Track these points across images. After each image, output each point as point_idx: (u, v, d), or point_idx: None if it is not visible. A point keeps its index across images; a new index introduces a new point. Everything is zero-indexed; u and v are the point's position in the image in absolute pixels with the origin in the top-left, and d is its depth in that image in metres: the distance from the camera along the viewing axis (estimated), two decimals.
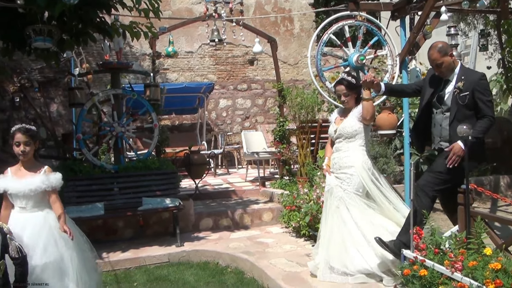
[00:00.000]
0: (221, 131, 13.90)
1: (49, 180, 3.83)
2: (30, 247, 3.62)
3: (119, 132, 6.91)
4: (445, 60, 4.34)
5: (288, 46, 14.59)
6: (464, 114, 4.30)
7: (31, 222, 3.79)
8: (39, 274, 3.62)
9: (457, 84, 4.33)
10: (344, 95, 4.83)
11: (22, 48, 6.41)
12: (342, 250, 4.56)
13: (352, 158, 4.71)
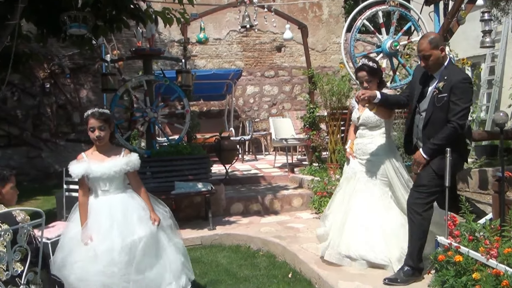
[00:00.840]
0: (248, 117, 13.97)
1: (132, 161, 3.83)
2: (123, 226, 3.63)
3: (152, 118, 7.01)
4: (434, 53, 4.01)
5: (316, 33, 14.50)
6: (439, 117, 4.03)
7: (118, 203, 3.75)
8: (134, 251, 3.59)
9: (437, 84, 4.05)
10: (366, 81, 4.69)
11: (57, 35, 6.53)
12: (354, 235, 4.59)
13: (376, 146, 4.71)
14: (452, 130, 3.92)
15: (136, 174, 3.91)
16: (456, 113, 3.90)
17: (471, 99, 4.01)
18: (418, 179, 4.22)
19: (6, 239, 3.01)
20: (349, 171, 4.89)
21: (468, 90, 3.96)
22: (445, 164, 4.05)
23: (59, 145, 12.70)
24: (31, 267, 3.19)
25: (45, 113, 12.70)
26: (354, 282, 4.22)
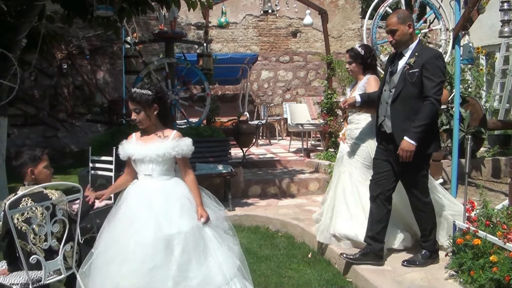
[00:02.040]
0: (263, 102, 14.07)
1: (180, 145, 3.39)
2: (161, 216, 3.24)
3: (173, 100, 7.15)
4: (401, 28, 4.03)
5: (332, 19, 14.42)
6: (410, 92, 4.00)
7: (159, 190, 3.38)
8: (172, 246, 3.18)
9: (408, 60, 4.04)
10: (348, 63, 4.98)
11: (83, 16, 6.65)
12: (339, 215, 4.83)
13: (361, 130, 4.84)
14: (431, 106, 3.89)
15: (185, 161, 3.49)
16: (432, 88, 3.89)
17: (444, 74, 4.02)
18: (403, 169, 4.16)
19: (46, 212, 3.16)
20: (338, 155, 5.18)
21: (440, 66, 3.95)
22: (465, 151, 4.17)
23: (75, 126, 12.89)
24: (68, 240, 3.35)
25: (62, 94, 12.88)
26: (370, 265, 4.36)
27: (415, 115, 3.95)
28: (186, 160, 3.50)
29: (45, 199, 3.25)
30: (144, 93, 3.35)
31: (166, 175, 3.45)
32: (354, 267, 4.35)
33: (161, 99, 3.42)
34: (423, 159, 4.10)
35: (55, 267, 3.24)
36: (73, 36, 12.47)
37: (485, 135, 8.16)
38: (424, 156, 4.12)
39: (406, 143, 3.92)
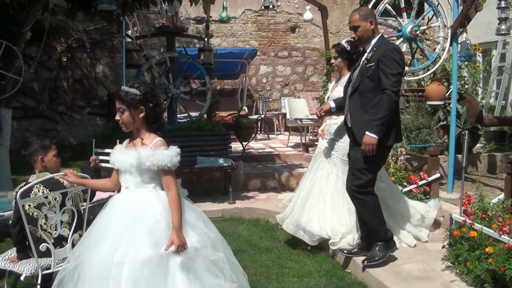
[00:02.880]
0: (261, 97, 14.15)
1: (155, 155, 2.84)
2: (119, 238, 2.72)
3: (174, 94, 7.23)
4: (362, 24, 4.09)
5: (330, 14, 14.47)
6: (366, 86, 4.05)
7: (130, 205, 2.88)
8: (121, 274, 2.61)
9: (367, 55, 4.11)
10: (334, 58, 5.02)
11: (86, 10, 6.73)
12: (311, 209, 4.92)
13: (339, 126, 4.86)
14: (388, 98, 3.90)
15: (167, 175, 2.87)
16: (387, 80, 3.91)
17: (402, 67, 4.01)
18: (354, 162, 4.21)
19: (55, 202, 3.25)
20: (316, 151, 5.24)
21: (396, 58, 3.96)
22: (463, 146, 4.27)
23: (74, 119, 12.92)
24: (77, 229, 3.44)
25: (62, 87, 12.90)
26: None
27: (372, 108, 4.01)
28: (166, 173, 2.87)
29: (58, 184, 3.41)
30: (131, 91, 2.92)
31: (144, 188, 2.93)
32: (354, 258, 4.46)
33: (150, 101, 2.95)
34: (379, 150, 4.01)
35: (64, 255, 3.33)
36: (73, 29, 12.48)
37: (482, 131, 8.28)
38: (382, 147, 4.05)
39: (368, 137, 3.94)
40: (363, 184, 4.13)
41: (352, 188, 4.20)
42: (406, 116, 7.73)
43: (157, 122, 3.04)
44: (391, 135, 4.08)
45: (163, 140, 2.98)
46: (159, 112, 3.03)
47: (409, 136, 7.33)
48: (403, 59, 4.08)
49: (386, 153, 4.31)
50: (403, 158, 5.98)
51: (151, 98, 2.97)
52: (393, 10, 6.56)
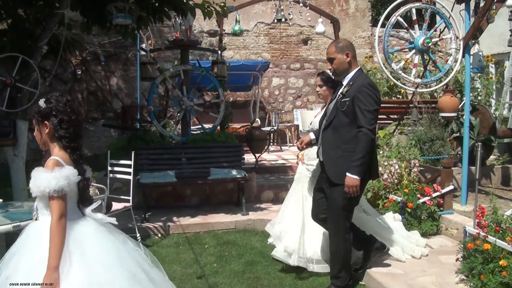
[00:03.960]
0: (274, 109, 14.21)
1: (34, 178, 2.58)
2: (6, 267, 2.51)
3: (188, 106, 7.31)
4: (338, 57, 4.05)
5: (342, 27, 14.56)
6: (341, 121, 3.98)
7: (25, 235, 2.69)
8: None
9: (342, 89, 4.06)
10: (318, 86, 4.91)
11: (102, 24, 6.83)
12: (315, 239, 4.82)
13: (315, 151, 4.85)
14: (365, 136, 3.84)
15: (51, 201, 2.53)
16: (363, 118, 3.84)
17: (377, 103, 3.92)
18: (332, 202, 4.12)
19: None
20: (296, 176, 5.22)
21: (371, 95, 3.88)
22: (476, 158, 4.26)
23: (89, 130, 13.06)
24: None
25: (76, 99, 13.04)
26: (387, 267, 4.54)
27: (345, 144, 3.96)
28: (50, 199, 2.53)
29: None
30: (38, 103, 2.67)
31: (44, 215, 2.66)
32: (368, 270, 4.46)
33: (55, 116, 2.66)
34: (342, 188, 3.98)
35: None
36: (88, 43, 12.66)
37: (495, 143, 8.23)
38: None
39: (350, 179, 3.89)
40: (339, 227, 4.12)
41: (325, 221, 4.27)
42: (419, 128, 7.72)
43: (68, 141, 2.69)
44: (367, 171, 4.03)
45: (56, 160, 2.62)
46: (66, 129, 2.68)
47: (422, 148, 7.31)
48: (378, 96, 3.98)
49: (362, 188, 4.11)
50: (416, 170, 5.97)
51: (57, 113, 2.66)
52: (405, 22, 6.60)
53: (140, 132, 7.76)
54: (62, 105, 2.68)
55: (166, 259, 5.25)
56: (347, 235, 4.13)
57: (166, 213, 6.73)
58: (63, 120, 2.68)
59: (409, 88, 7.29)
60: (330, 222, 4.20)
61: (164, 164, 6.88)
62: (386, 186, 5.87)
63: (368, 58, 12.91)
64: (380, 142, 6.86)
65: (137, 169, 6.49)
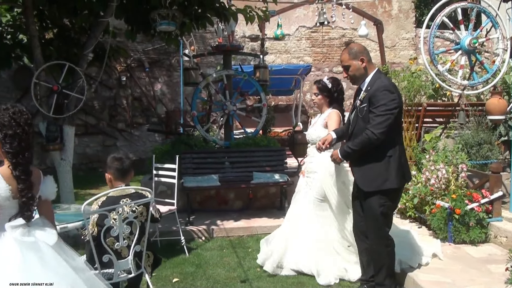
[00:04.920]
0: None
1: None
2: None
3: (231, 111, 7.36)
4: (353, 64, 3.94)
5: (385, 28, 14.42)
6: (361, 128, 3.88)
7: None
8: None
9: (361, 95, 3.96)
10: (314, 94, 4.94)
11: (146, 31, 6.98)
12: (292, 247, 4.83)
13: (315, 164, 4.82)
14: (365, 138, 3.78)
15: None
16: (372, 121, 3.78)
17: (389, 108, 3.77)
18: (367, 210, 4.00)
19: (118, 215, 3.33)
20: (297, 187, 5.16)
21: (384, 98, 3.77)
22: None
23: (133, 135, 13.34)
24: (138, 241, 3.51)
25: (121, 105, 13.37)
26: (433, 275, 4.40)
27: (369, 151, 3.86)
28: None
29: (141, 197, 3.51)
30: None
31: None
32: (414, 278, 4.36)
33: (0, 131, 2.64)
34: (380, 194, 3.88)
35: (125, 266, 3.44)
36: (132, 50, 12.94)
37: None
38: (381, 192, 3.88)
39: (336, 153, 4.03)
40: (380, 235, 4.01)
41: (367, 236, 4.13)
42: (466, 131, 7.52)
43: (11, 157, 2.65)
44: (387, 180, 3.85)
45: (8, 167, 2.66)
46: (10, 143, 2.65)
47: (469, 152, 7.10)
48: (394, 97, 3.81)
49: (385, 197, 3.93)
50: (464, 175, 5.81)
51: (1, 127, 2.63)
52: (450, 22, 6.45)
53: (183, 136, 7.86)
54: (7, 119, 2.64)
55: (210, 262, 5.30)
56: (388, 241, 4.04)
57: (210, 217, 6.79)
58: (7, 134, 2.64)
59: (455, 90, 7.12)
60: (370, 230, 4.08)
61: (207, 168, 6.94)
62: (433, 192, 5.72)
63: (413, 60, 12.67)
64: (426, 146, 6.70)
65: (181, 173, 6.57)
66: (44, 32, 7.14)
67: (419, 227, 5.98)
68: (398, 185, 3.93)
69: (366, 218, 4.06)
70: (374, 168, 3.86)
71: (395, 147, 3.87)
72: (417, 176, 6.21)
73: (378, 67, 4.08)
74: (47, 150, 6.26)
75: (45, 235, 2.73)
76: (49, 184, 2.92)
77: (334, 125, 4.64)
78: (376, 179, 3.84)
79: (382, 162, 3.84)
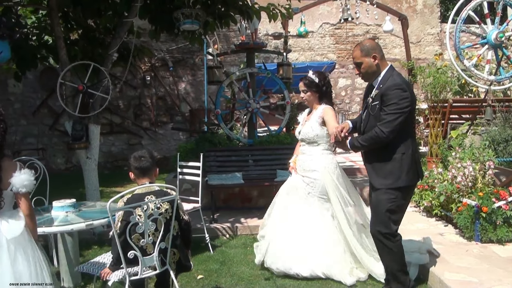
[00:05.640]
0: (340, 110, 14.05)
1: None
2: None
3: (255, 108, 7.37)
4: (365, 61, 3.82)
5: (410, 24, 14.23)
6: (372, 126, 3.80)
7: None
8: None
9: (373, 92, 3.86)
10: (303, 92, 4.80)
11: (169, 31, 7.02)
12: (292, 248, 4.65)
13: (315, 162, 4.70)
14: (374, 135, 3.72)
15: None
16: (381, 119, 3.71)
17: (400, 106, 3.67)
18: (376, 204, 3.92)
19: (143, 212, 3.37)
20: (290, 185, 4.92)
21: (396, 96, 3.67)
22: None
23: (158, 134, 13.48)
24: (163, 238, 3.54)
25: (145, 104, 13.53)
26: (460, 274, 4.31)
27: (380, 149, 3.79)
28: None
29: (166, 195, 3.54)
30: None
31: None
32: (439, 277, 4.30)
33: None
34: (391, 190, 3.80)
35: (150, 262, 3.48)
36: (156, 49, 13.06)
37: None
38: (393, 188, 3.80)
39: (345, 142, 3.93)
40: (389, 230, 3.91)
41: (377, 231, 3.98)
42: (493, 128, 7.39)
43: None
44: (399, 178, 3.78)
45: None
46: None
47: (496, 149, 6.98)
48: (406, 96, 3.69)
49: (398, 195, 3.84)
50: (491, 172, 5.71)
51: None
52: (476, 16, 6.34)
53: (208, 134, 7.91)
54: None
55: (234, 259, 5.32)
56: (395, 238, 3.93)
57: (234, 214, 6.82)
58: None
59: (482, 86, 7.00)
60: (377, 225, 3.94)
61: (231, 166, 6.97)
62: (460, 189, 5.64)
63: (438, 55, 12.51)
64: (453, 143, 6.61)
65: (205, 171, 6.61)
66: (69, 33, 7.25)
67: (445, 225, 5.90)
68: (411, 183, 3.87)
69: (373, 212, 3.98)
70: (386, 166, 3.81)
71: (408, 145, 3.80)
72: (443, 173, 6.13)
73: (391, 64, 3.99)
74: (73, 148, 6.36)
75: (5, 227, 2.92)
76: (22, 177, 3.01)
77: (333, 120, 4.57)
78: (389, 176, 3.79)
79: (395, 159, 3.77)
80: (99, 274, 3.55)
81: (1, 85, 11.72)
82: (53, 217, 4.39)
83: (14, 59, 6.85)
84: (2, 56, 5.59)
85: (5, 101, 12.73)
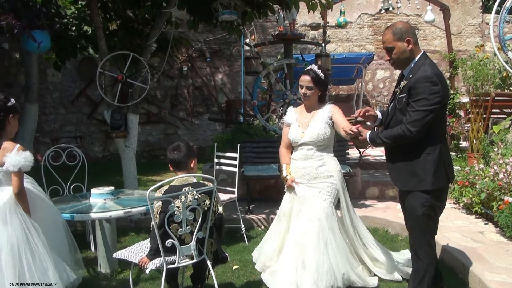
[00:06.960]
0: (378, 102, 13.83)
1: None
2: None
3: (292, 100, 7.31)
4: (398, 45, 3.40)
5: (451, 14, 13.88)
6: (399, 121, 3.43)
7: None
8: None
9: (402, 83, 3.47)
10: (307, 88, 4.21)
11: (208, 21, 7.02)
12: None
13: (328, 167, 4.29)
14: (400, 133, 3.35)
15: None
16: (409, 117, 3.33)
17: (430, 102, 3.28)
18: (409, 209, 3.58)
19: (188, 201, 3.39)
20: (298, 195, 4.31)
21: (426, 91, 3.28)
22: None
23: (194, 124, 13.57)
24: (201, 227, 3.55)
25: (182, 94, 13.63)
26: (500, 275, 4.17)
27: (406, 147, 3.44)
28: None
29: (203, 186, 3.57)
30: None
31: None
32: (480, 277, 4.17)
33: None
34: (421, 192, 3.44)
35: (188, 251, 3.51)
36: (193, 40, 13.11)
37: None
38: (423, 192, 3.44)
39: (365, 135, 3.54)
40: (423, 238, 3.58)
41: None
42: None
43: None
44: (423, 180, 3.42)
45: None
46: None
47: None
48: (437, 90, 3.30)
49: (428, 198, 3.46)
50: None
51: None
52: None
53: (244, 125, 7.90)
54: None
55: None
56: (431, 250, 3.62)
57: (269, 206, 6.78)
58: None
59: None
60: (411, 233, 3.70)
61: (267, 157, 6.94)
62: (501, 187, 5.45)
63: (479, 47, 12.14)
64: (494, 138, 6.41)
65: (242, 162, 6.60)
66: (108, 23, 7.32)
67: (485, 223, 5.72)
68: (435, 186, 3.45)
69: (407, 218, 3.71)
70: (409, 166, 3.46)
71: (435, 145, 3.41)
72: (484, 170, 5.96)
73: (424, 51, 3.58)
74: (111, 137, 6.46)
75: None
76: (14, 156, 3.34)
77: (344, 118, 4.15)
78: (411, 178, 3.45)
79: (418, 160, 3.41)
80: (137, 261, 3.60)
81: (41, 74, 11.96)
82: (92, 204, 4.47)
83: (54, 49, 6.98)
84: (42, 46, 5.68)
85: (44, 90, 13.02)
